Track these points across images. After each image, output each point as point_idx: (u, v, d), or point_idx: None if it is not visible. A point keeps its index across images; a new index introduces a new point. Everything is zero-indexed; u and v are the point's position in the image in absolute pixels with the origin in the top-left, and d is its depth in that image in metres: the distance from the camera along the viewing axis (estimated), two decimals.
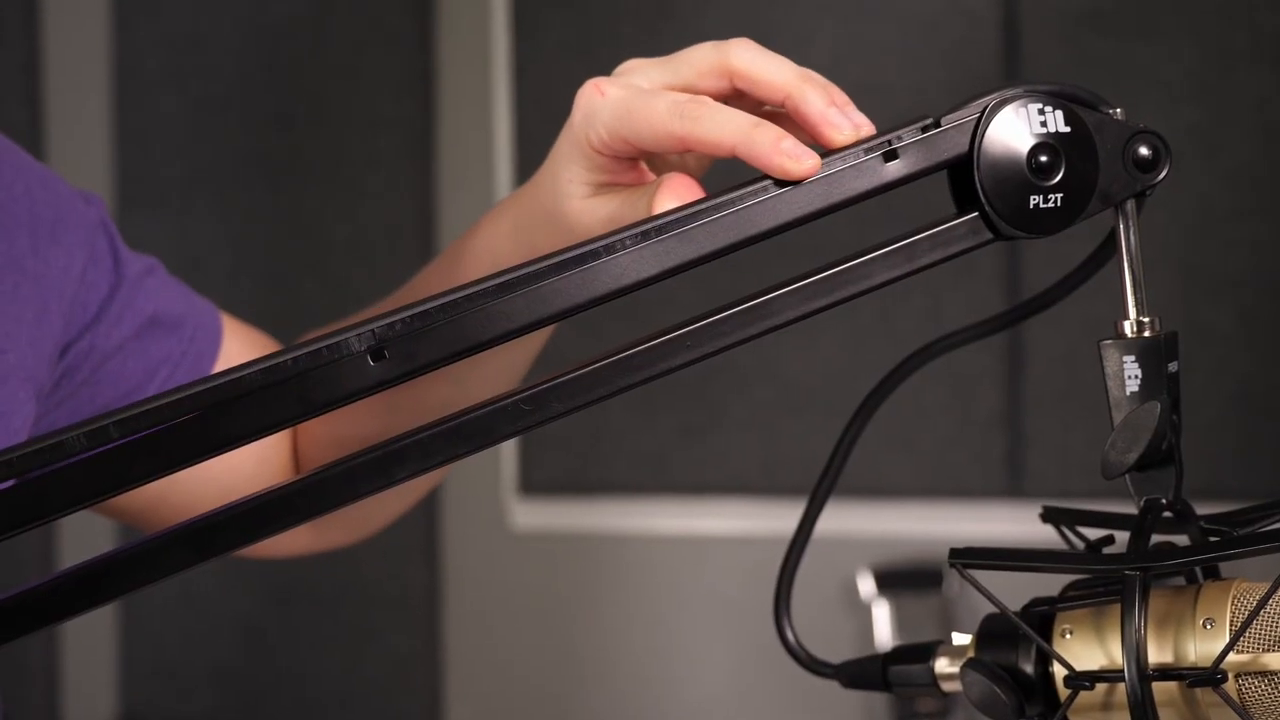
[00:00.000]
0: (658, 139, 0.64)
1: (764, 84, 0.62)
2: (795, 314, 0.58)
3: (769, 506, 1.56)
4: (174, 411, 0.55)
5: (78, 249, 0.81)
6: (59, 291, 0.80)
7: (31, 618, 0.58)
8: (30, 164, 0.82)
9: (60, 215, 0.81)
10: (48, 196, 0.81)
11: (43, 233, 0.80)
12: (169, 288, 0.87)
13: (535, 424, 0.58)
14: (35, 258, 0.79)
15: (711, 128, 0.61)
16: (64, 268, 0.80)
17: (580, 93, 0.68)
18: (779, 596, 0.66)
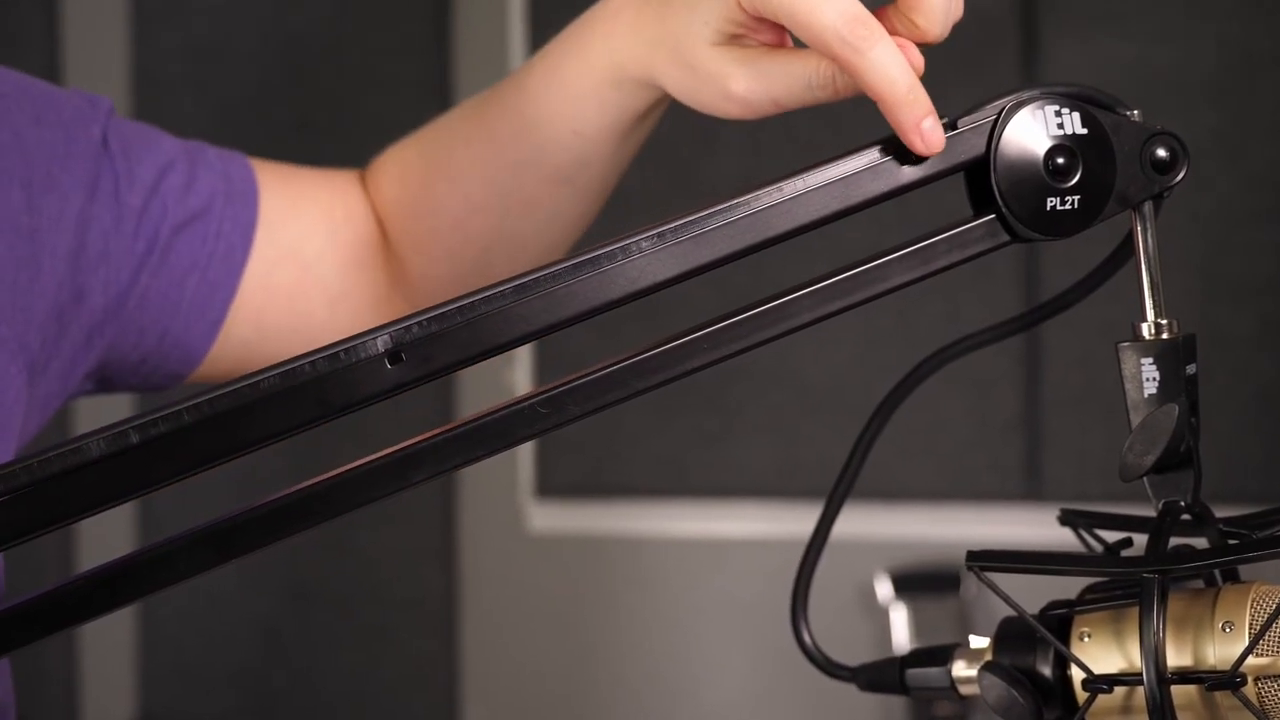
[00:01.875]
0: (812, 42, 0.62)
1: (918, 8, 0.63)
2: (812, 316, 0.58)
3: (786, 509, 1.56)
4: (193, 415, 0.56)
5: (75, 188, 0.78)
6: (52, 246, 0.76)
7: (52, 620, 0.58)
8: (23, 98, 0.78)
9: (58, 152, 0.78)
10: (42, 134, 0.78)
11: (37, 181, 0.77)
12: (186, 176, 0.82)
13: (553, 427, 0.58)
14: (29, 212, 0.76)
15: (869, 69, 0.60)
16: (58, 215, 0.77)
17: None
18: (796, 599, 0.66)
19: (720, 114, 0.69)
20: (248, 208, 0.84)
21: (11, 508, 0.55)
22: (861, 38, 0.61)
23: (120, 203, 0.79)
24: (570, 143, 0.78)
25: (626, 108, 0.75)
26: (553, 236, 0.84)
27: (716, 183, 1.56)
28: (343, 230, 0.87)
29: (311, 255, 0.85)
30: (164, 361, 0.83)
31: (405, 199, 0.87)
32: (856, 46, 0.61)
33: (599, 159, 0.79)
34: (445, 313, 0.57)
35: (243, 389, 0.56)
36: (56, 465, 0.55)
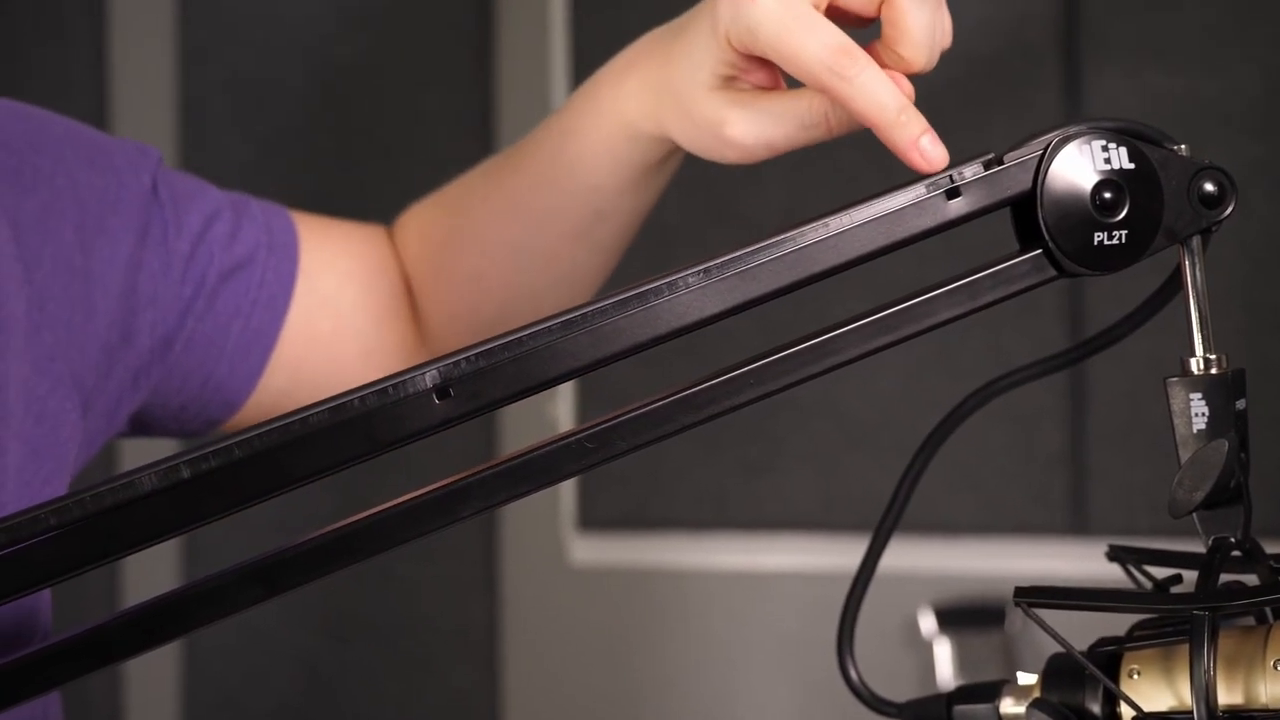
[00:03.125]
0: (799, 75, 0.63)
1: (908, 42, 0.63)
2: (858, 352, 0.58)
3: (829, 542, 1.55)
4: (243, 450, 0.56)
5: (125, 232, 0.79)
6: (105, 286, 0.78)
7: (101, 654, 0.59)
8: (77, 143, 0.80)
9: (109, 198, 0.79)
10: (94, 180, 0.79)
11: (90, 224, 0.78)
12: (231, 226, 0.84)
13: (599, 462, 0.58)
14: (82, 253, 0.77)
15: (857, 95, 0.61)
16: (109, 257, 0.78)
17: None
18: (842, 634, 0.66)
19: (720, 159, 0.69)
20: (289, 258, 0.86)
21: (65, 541, 0.55)
22: (847, 66, 0.62)
23: (169, 249, 0.81)
24: (587, 198, 0.79)
25: (640, 160, 0.76)
26: (571, 291, 0.85)
27: (759, 216, 1.57)
28: (376, 282, 0.88)
29: (347, 306, 0.86)
30: (204, 407, 0.84)
31: (427, 255, 0.88)
32: (843, 74, 0.62)
33: (616, 213, 0.80)
34: (493, 348, 0.57)
35: (292, 424, 0.56)
36: (109, 499, 0.55)
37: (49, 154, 0.78)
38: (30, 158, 0.77)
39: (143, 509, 0.56)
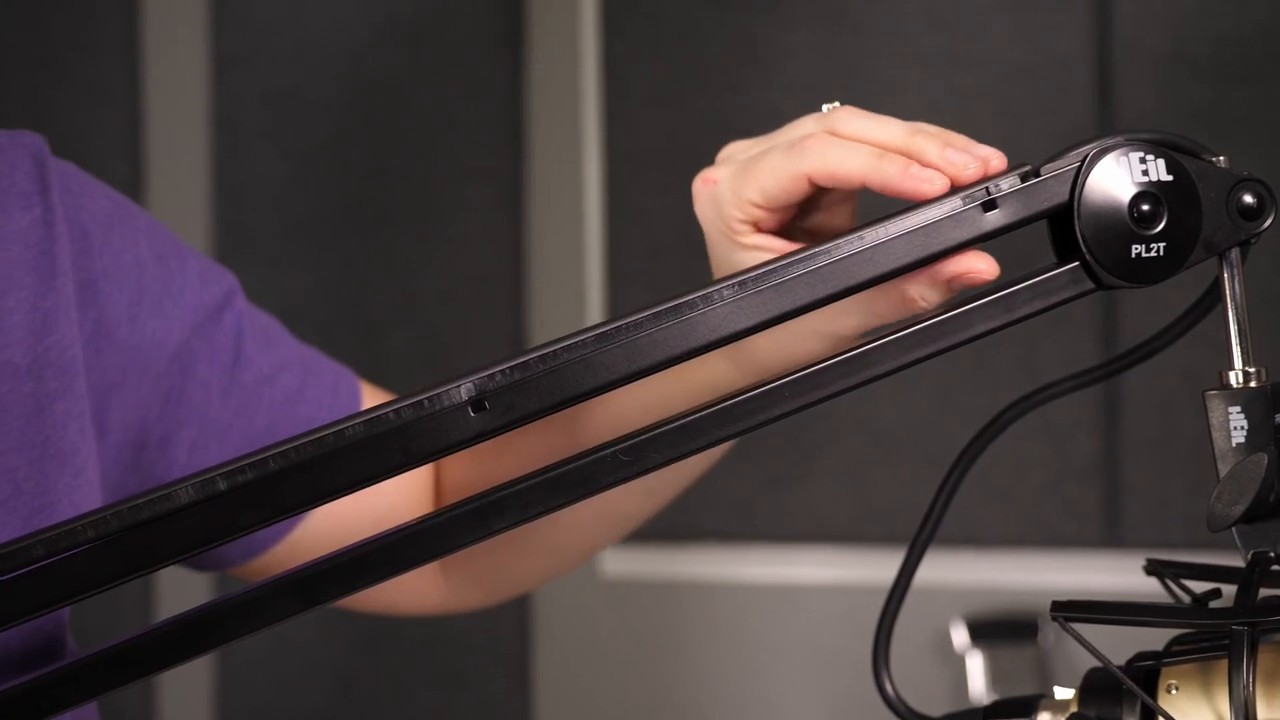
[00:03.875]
0: (782, 186, 0.63)
1: (873, 145, 0.62)
2: (895, 364, 0.58)
3: (860, 555, 1.55)
4: (279, 463, 0.56)
5: (184, 324, 0.77)
6: (143, 364, 0.75)
7: (140, 665, 0.59)
8: (153, 236, 0.77)
9: (172, 289, 0.77)
10: (161, 272, 0.76)
11: (146, 303, 0.75)
12: (298, 381, 0.81)
13: (634, 474, 0.58)
14: (130, 326, 0.75)
15: (836, 159, 0.62)
16: (159, 339, 0.75)
17: (695, 195, 0.68)
18: (877, 648, 0.66)
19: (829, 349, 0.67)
20: None
21: (102, 553, 0.55)
22: (810, 143, 0.62)
23: (234, 377, 0.78)
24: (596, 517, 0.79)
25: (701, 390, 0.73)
26: (598, 533, 0.84)
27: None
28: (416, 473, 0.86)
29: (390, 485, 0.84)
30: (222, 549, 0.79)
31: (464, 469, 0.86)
32: (812, 149, 0.62)
33: (625, 524, 0.80)
34: (527, 361, 0.57)
35: (328, 437, 0.56)
36: (147, 512, 0.55)
37: (123, 234, 0.75)
38: (103, 232, 0.74)
39: (180, 521, 0.56)
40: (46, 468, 0.70)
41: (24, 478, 0.69)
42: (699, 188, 0.68)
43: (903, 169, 0.59)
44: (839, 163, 0.61)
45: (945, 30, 1.56)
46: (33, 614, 0.55)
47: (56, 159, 0.73)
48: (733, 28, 1.60)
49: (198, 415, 0.77)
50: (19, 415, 0.70)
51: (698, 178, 0.68)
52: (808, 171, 0.62)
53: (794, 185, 0.63)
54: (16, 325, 0.69)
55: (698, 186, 0.68)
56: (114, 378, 0.74)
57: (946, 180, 0.59)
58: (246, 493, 0.57)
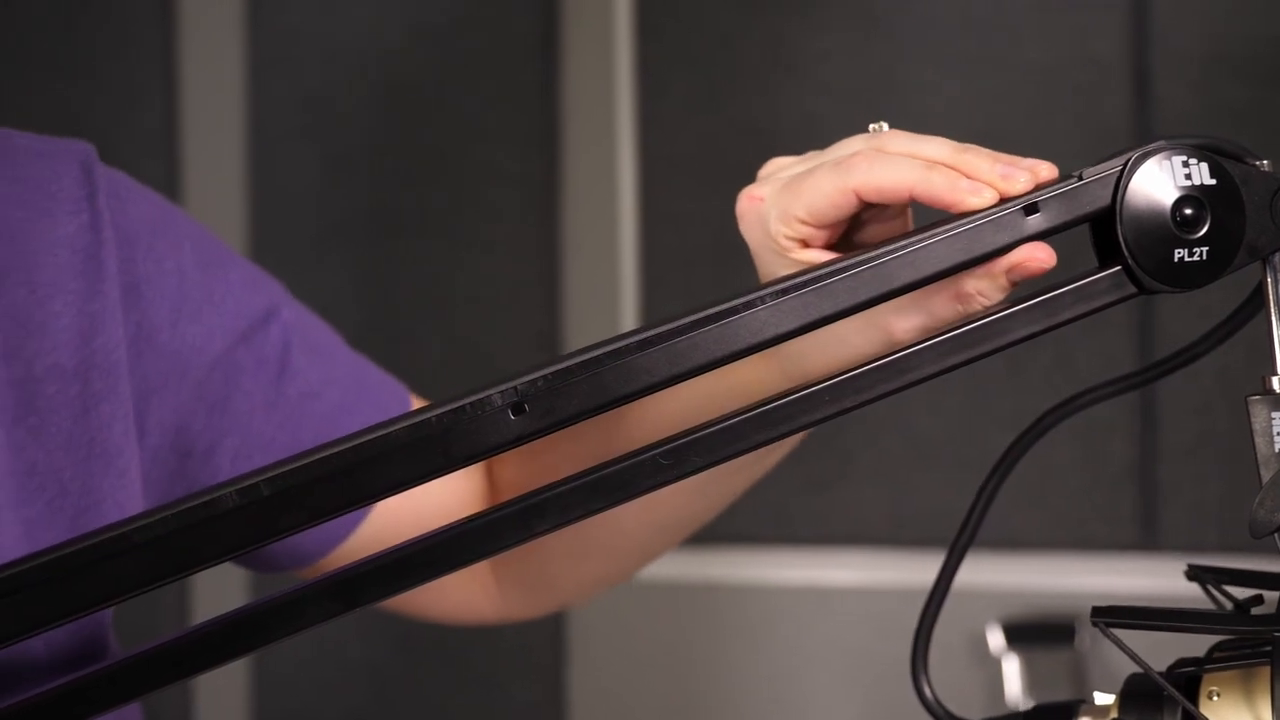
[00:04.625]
0: (831, 201, 0.63)
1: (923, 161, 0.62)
2: (934, 369, 0.58)
3: (895, 558, 1.54)
4: (322, 468, 0.57)
5: (226, 332, 0.77)
6: (183, 369, 0.75)
7: (182, 666, 0.59)
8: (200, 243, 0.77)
9: (213, 298, 0.77)
10: (204, 279, 0.76)
11: (187, 309, 0.75)
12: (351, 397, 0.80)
13: (674, 478, 0.58)
14: (171, 331, 0.75)
15: (883, 173, 0.61)
16: (199, 346, 0.75)
17: (740, 213, 0.67)
18: (916, 652, 0.66)
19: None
20: None
21: (146, 555, 0.56)
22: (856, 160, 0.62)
23: (279, 390, 0.78)
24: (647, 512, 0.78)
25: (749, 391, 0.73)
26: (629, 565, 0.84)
27: None
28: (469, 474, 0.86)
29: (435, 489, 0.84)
30: (272, 556, 0.81)
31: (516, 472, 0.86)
32: (858, 165, 0.62)
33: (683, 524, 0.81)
34: (569, 366, 0.57)
35: (368, 442, 0.57)
36: (191, 517, 0.56)
37: (168, 241, 0.76)
38: (148, 238, 0.75)
39: (223, 524, 0.56)
40: (92, 468, 0.71)
41: (70, 478, 0.70)
42: (744, 206, 0.67)
43: (951, 181, 0.59)
44: (886, 176, 0.61)
45: (978, 33, 1.56)
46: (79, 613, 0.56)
47: (105, 166, 0.74)
48: (766, 32, 1.60)
49: (241, 426, 0.77)
50: (66, 416, 0.71)
51: (742, 195, 0.67)
52: (855, 186, 0.62)
53: (842, 201, 0.63)
54: (64, 329, 0.70)
55: (743, 205, 0.67)
56: (154, 382, 0.75)
57: (995, 194, 0.58)
58: (288, 496, 0.57)
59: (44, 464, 0.70)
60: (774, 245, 0.66)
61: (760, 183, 0.67)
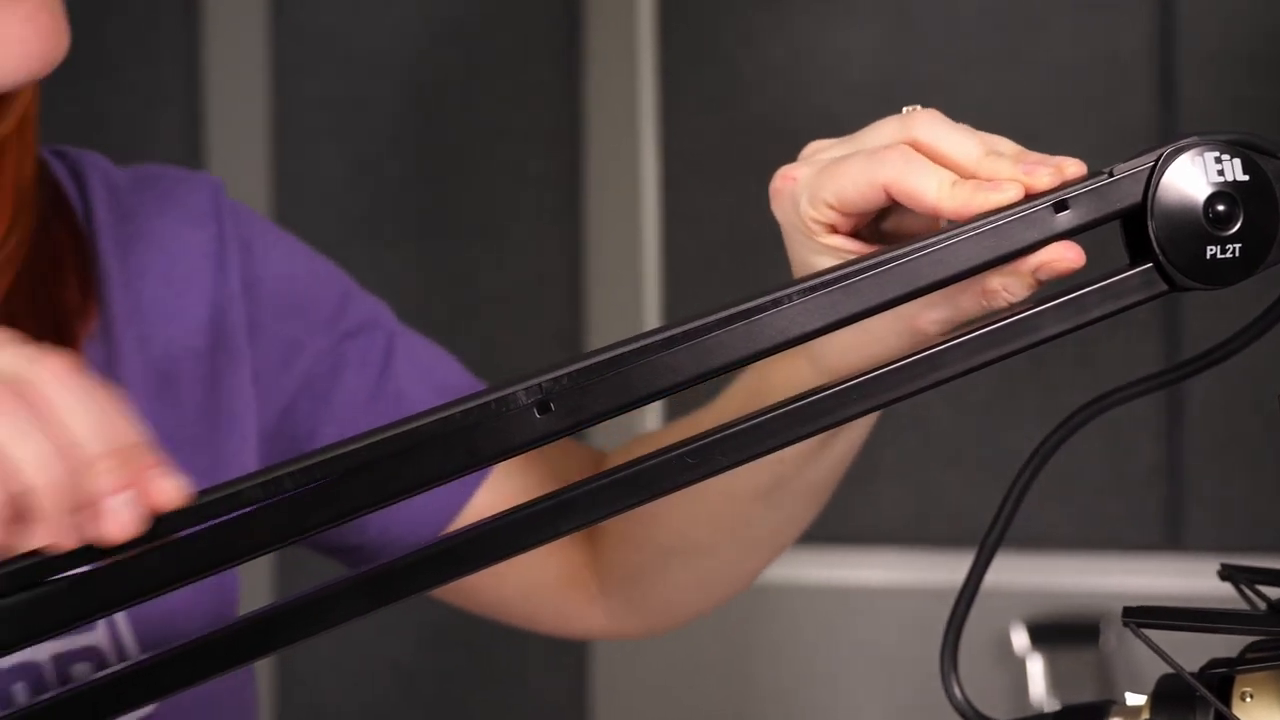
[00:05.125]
0: (860, 192, 0.63)
1: (948, 161, 0.62)
2: (963, 367, 0.58)
3: (920, 557, 1.54)
4: (347, 463, 0.56)
5: (326, 329, 0.84)
6: (290, 357, 0.83)
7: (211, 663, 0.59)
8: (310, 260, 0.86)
9: (318, 301, 0.84)
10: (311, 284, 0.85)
11: (296, 306, 0.84)
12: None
13: (700, 477, 0.58)
14: (282, 323, 0.83)
15: (913, 179, 0.61)
16: (303, 340, 0.83)
17: (774, 192, 0.67)
18: (945, 652, 0.65)
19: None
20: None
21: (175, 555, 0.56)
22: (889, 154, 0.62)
23: (380, 387, 0.84)
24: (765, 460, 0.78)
25: None
26: (741, 553, 0.85)
27: None
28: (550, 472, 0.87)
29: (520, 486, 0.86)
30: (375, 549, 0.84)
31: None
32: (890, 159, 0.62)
33: (795, 478, 0.80)
34: (594, 364, 0.57)
35: (395, 437, 0.57)
36: (216, 510, 0.56)
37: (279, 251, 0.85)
38: (262, 247, 0.85)
39: (248, 523, 0.56)
40: (219, 434, 0.81)
41: (203, 442, 0.80)
42: (778, 184, 0.67)
43: (972, 194, 0.59)
44: (914, 184, 0.61)
45: (1003, 31, 1.55)
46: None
47: (228, 199, 0.87)
48: (789, 30, 1.60)
49: (340, 417, 0.84)
50: (200, 391, 0.81)
51: (777, 174, 0.67)
52: (884, 183, 0.62)
53: (871, 193, 0.63)
54: (198, 316, 0.81)
55: (777, 183, 0.67)
56: (267, 364, 0.83)
57: (1019, 188, 0.58)
58: (315, 494, 0.57)
59: (179, 430, 0.79)
60: (802, 227, 0.66)
61: (797, 163, 0.67)
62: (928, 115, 0.63)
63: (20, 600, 0.54)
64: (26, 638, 0.55)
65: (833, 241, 0.66)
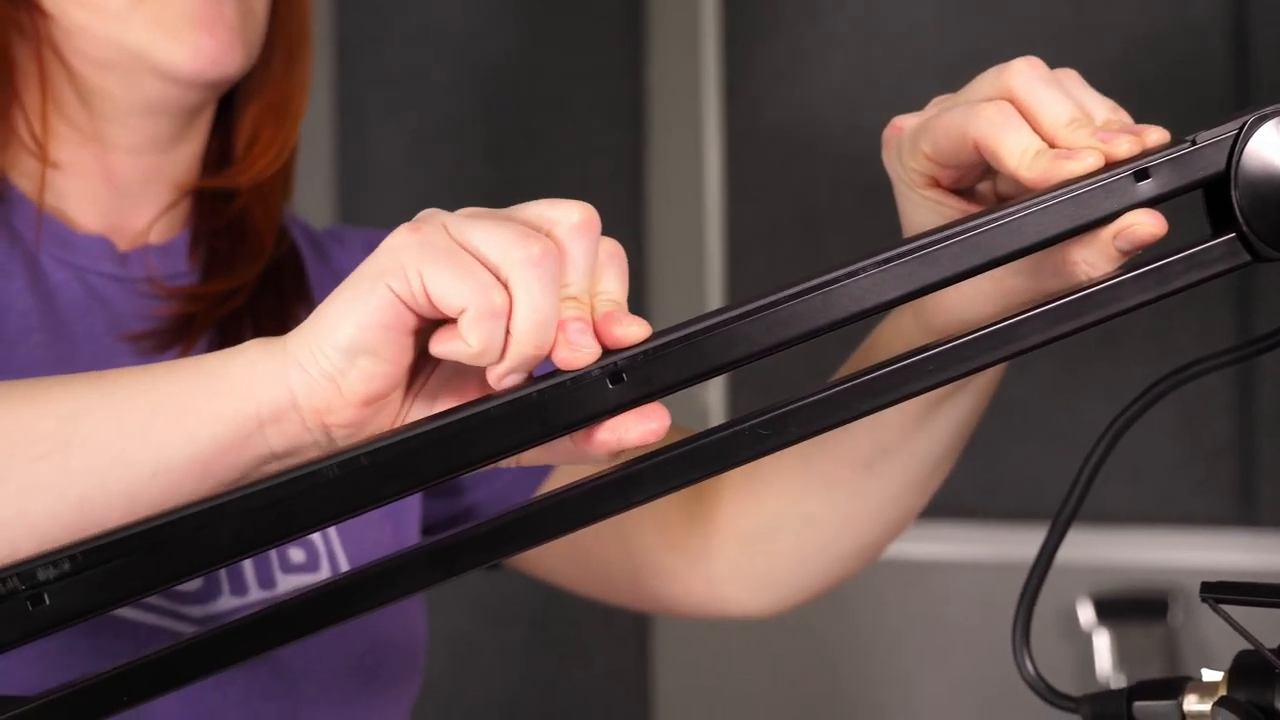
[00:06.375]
0: (953, 145, 0.64)
1: (1037, 120, 0.61)
2: (1042, 338, 0.57)
3: (986, 530, 1.53)
4: (421, 442, 0.56)
5: None
6: None
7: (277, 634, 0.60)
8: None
9: None
10: None
11: None
12: None
13: (773, 449, 0.57)
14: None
15: (999, 140, 0.61)
16: None
17: (884, 141, 0.68)
18: (1017, 628, 0.65)
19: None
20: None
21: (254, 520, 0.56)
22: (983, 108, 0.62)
23: None
24: (865, 428, 0.79)
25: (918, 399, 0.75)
26: (847, 526, 0.85)
27: None
28: None
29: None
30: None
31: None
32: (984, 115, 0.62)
33: (901, 451, 0.80)
34: (666, 333, 0.57)
35: (471, 417, 0.56)
36: (295, 487, 0.56)
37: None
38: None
39: (324, 494, 0.57)
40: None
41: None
42: (887, 134, 0.68)
43: (1051, 165, 0.58)
44: (999, 145, 0.61)
45: (1074, 1, 1.53)
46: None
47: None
48: (855, 1, 1.59)
49: None
50: None
51: (889, 124, 0.67)
52: (974, 138, 0.62)
53: (963, 146, 0.63)
54: None
55: (887, 133, 0.68)
56: None
57: (1100, 158, 0.57)
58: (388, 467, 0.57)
59: None
60: (905, 176, 0.67)
61: (911, 114, 0.67)
62: (1025, 67, 0.62)
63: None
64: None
65: (933, 195, 0.66)
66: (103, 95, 0.82)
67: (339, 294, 0.56)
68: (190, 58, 0.79)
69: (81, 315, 0.81)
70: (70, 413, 0.57)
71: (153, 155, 0.84)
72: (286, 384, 0.56)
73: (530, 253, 0.54)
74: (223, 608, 0.79)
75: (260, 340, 0.58)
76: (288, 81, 0.88)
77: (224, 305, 0.84)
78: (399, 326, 0.55)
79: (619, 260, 0.58)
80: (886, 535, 0.86)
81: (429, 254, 0.54)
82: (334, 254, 0.93)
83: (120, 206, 0.84)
